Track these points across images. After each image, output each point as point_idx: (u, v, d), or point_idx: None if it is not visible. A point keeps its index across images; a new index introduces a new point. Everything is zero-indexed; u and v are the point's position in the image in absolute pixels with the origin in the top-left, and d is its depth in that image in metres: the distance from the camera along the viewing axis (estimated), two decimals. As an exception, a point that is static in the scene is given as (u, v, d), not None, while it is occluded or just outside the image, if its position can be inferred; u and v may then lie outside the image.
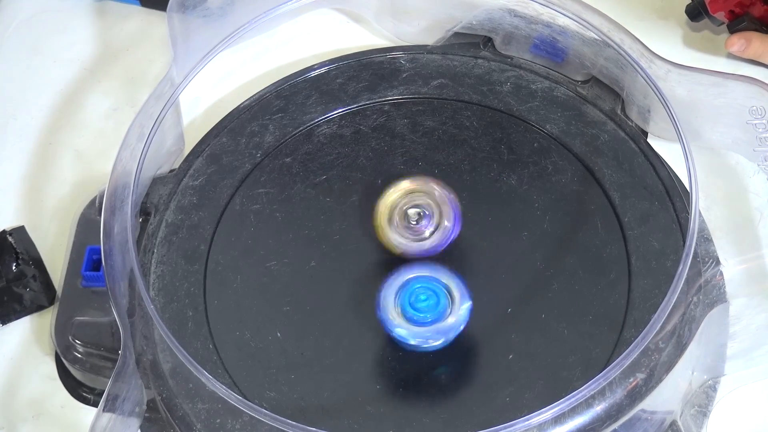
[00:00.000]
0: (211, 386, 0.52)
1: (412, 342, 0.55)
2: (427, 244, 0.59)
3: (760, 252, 0.62)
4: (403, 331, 0.55)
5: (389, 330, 0.56)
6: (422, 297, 0.56)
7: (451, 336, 0.56)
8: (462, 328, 0.56)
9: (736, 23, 0.74)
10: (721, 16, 0.75)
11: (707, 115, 0.66)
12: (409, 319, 0.56)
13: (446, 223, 0.59)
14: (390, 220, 0.59)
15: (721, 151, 0.68)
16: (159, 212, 0.65)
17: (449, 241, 0.59)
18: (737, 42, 0.73)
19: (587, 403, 0.53)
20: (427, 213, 0.59)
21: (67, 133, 0.76)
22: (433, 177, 0.61)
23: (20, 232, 0.68)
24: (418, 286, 0.57)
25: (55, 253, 0.68)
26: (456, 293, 0.56)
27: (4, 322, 0.65)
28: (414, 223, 0.59)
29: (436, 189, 0.60)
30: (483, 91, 0.70)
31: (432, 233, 0.59)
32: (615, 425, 0.54)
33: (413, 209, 0.60)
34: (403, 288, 0.57)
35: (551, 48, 0.71)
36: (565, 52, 0.71)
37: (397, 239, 0.59)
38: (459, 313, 0.56)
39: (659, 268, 0.59)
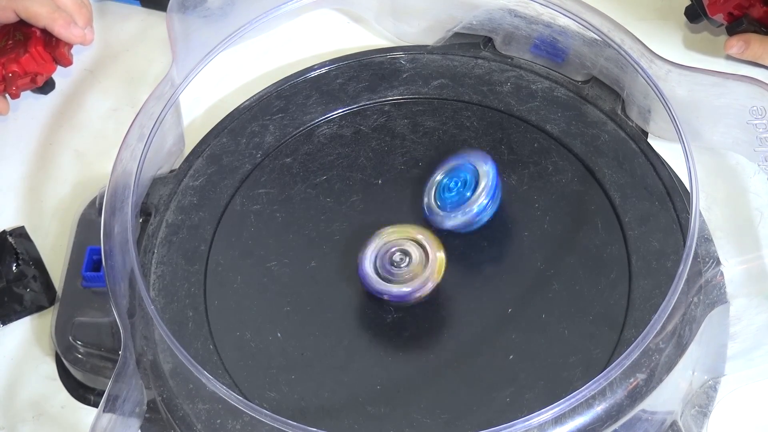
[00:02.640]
0: (212, 387, 0.52)
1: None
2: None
3: (760, 252, 0.62)
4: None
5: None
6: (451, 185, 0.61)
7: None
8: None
9: (735, 25, 0.74)
10: (719, 18, 0.75)
11: (708, 116, 0.66)
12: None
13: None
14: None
15: (721, 152, 0.68)
16: (159, 212, 0.65)
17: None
18: (736, 44, 0.73)
19: (588, 403, 0.53)
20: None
21: (67, 133, 0.76)
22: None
23: (20, 232, 0.68)
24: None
25: (56, 254, 0.68)
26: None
27: (4, 323, 0.65)
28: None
29: None
30: (483, 92, 0.70)
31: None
32: (615, 425, 0.54)
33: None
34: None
35: (551, 48, 0.71)
36: (565, 53, 0.71)
37: None
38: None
39: (660, 269, 0.59)
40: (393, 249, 0.59)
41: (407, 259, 0.58)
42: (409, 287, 0.58)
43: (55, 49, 0.74)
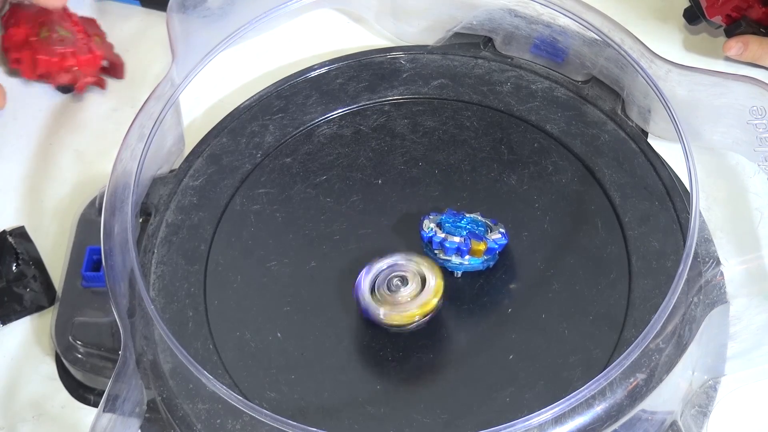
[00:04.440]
0: (212, 386, 0.52)
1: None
2: None
3: (760, 252, 0.62)
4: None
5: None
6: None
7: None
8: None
9: (734, 27, 0.74)
10: (718, 20, 0.75)
11: (708, 116, 0.66)
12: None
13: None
14: None
15: (721, 152, 0.68)
16: (159, 212, 0.65)
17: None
18: (735, 46, 0.73)
19: (588, 403, 0.53)
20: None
21: (67, 133, 0.76)
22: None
23: (20, 232, 0.68)
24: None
25: (56, 254, 0.68)
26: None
27: (4, 323, 0.65)
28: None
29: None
30: (483, 92, 0.70)
31: None
32: (615, 425, 0.54)
33: None
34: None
35: (551, 48, 0.71)
36: (565, 53, 0.71)
37: None
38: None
39: (660, 269, 0.59)
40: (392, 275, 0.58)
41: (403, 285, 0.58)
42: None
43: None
